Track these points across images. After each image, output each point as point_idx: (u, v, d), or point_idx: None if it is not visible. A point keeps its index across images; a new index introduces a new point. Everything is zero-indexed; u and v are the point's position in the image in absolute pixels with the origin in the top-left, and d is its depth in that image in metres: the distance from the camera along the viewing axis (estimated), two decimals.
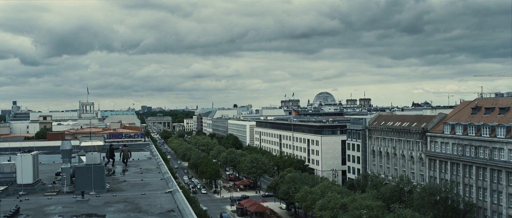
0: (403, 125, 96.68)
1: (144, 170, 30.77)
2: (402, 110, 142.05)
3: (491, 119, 75.87)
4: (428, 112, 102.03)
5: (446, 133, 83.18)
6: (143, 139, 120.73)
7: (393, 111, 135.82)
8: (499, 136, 71.07)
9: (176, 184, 24.09)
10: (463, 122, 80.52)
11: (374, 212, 68.46)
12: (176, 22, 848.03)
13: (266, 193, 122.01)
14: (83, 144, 24.44)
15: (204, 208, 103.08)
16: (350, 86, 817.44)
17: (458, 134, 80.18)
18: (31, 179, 22.88)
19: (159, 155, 38.94)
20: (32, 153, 23.24)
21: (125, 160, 34.17)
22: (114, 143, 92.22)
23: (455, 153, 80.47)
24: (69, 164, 23.43)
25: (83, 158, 23.87)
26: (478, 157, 75.22)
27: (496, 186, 71.49)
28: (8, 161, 37.02)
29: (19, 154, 23.23)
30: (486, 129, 74.06)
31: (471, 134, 77.32)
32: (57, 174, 24.48)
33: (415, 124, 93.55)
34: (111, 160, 33.11)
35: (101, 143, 24.42)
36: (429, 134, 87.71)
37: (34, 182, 23.17)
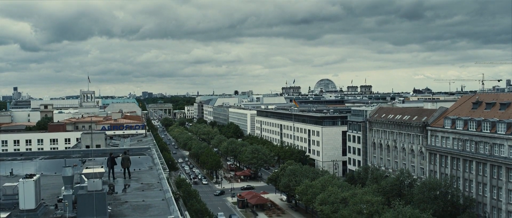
0: (404, 118, 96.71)
1: (146, 185, 31.02)
2: (403, 101, 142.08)
3: (492, 114, 75.87)
4: (429, 105, 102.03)
5: (446, 127, 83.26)
6: (144, 131, 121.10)
7: (393, 103, 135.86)
8: (499, 132, 71.15)
9: (176, 206, 24.43)
10: (464, 116, 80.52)
11: (374, 207, 69.09)
12: (176, 8, 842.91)
13: (246, 186, 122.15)
14: (85, 171, 24.53)
15: None
16: (351, 72, 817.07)
17: (458, 128, 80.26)
18: (33, 204, 23.16)
19: (160, 164, 39.16)
20: (34, 178, 23.47)
21: (126, 169, 34.42)
22: (114, 138, 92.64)
23: (456, 148, 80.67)
24: (71, 190, 23.71)
25: (84, 176, 24.15)
26: (478, 152, 75.42)
27: (496, 181, 71.84)
28: (10, 172, 37.64)
29: (21, 179, 23.44)
30: (487, 124, 74.10)
31: (471, 129, 77.39)
32: (59, 200, 24.80)
33: (416, 117, 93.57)
34: (111, 170, 33.37)
35: (102, 170, 24.52)
36: (429, 127, 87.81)
37: (37, 207, 23.44)
